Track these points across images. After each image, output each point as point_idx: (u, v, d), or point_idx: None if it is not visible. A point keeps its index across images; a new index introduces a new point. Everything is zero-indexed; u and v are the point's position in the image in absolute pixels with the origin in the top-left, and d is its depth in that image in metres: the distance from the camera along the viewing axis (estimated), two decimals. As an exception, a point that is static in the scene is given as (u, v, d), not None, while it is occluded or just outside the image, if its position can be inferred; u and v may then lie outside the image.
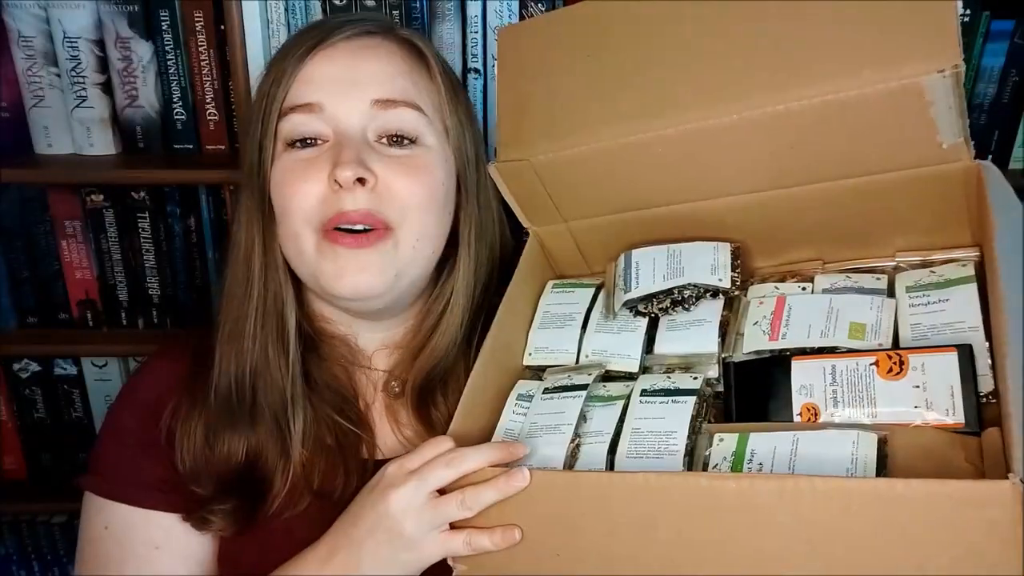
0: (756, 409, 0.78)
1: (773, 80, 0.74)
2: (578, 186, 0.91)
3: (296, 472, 0.86)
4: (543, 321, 0.95)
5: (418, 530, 0.73)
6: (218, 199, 1.43)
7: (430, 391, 0.92)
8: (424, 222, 0.88)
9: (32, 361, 1.50)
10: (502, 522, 0.72)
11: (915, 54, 0.67)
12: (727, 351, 0.84)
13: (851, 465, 0.65)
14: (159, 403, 0.89)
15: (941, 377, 0.67)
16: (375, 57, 0.87)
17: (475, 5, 1.32)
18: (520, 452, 0.75)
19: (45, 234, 1.44)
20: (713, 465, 0.71)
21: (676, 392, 0.79)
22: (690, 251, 0.88)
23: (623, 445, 0.76)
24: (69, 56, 1.33)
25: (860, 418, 0.70)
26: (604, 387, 0.84)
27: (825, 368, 0.74)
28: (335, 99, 0.84)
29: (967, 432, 0.65)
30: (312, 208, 0.84)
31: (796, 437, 0.69)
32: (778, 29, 0.74)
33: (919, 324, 0.74)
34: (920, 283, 0.77)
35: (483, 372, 0.85)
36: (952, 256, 0.80)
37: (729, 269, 0.85)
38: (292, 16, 1.30)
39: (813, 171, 0.78)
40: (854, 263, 0.86)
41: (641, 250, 0.91)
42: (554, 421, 0.80)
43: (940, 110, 0.68)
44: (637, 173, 0.86)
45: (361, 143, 0.85)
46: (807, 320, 0.79)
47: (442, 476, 0.73)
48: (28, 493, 1.55)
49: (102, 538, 0.88)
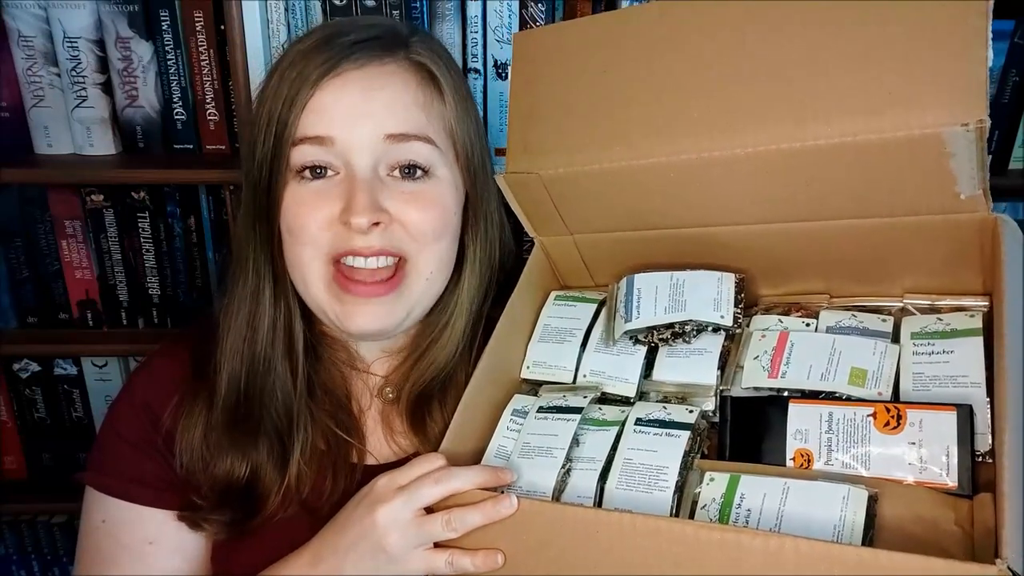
0: (750, 448, 0.78)
1: (792, 114, 0.73)
2: (586, 201, 0.91)
3: (291, 482, 0.88)
4: (543, 334, 0.95)
5: (402, 546, 0.75)
6: (218, 199, 1.44)
7: (426, 400, 0.94)
8: (438, 254, 0.90)
9: (32, 361, 1.53)
10: (486, 546, 0.73)
11: (939, 103, 0.66)
12: (725, 383, 0.84)
13: (839, 523, 0.65)
14: (158, 403, 0.91)
15: (938, 436, 0.67)
16: (388, 87, 0.86)
17: (475, 5, 1.32)
18: (507, 478, 0.77)
19: (45, 234, 1.46)
20: (701, 506, 0.72)
21: (671, 425, 0.79)
22: (693, 280, 0.88)
23: (613, 476, 0.77)
24: (69, 56, 1.33)
25: (853, 469, 0.71)
26: (600, 410, 0.85)
27: (822, 414, 0.74)
28: (347, 133, 0.84)
29: (959, 495, 0.65)
30: (322, 241, 0.85)
31: (787, 485, 0.69)
32: (802, 62, 0.73)
33: (921, 374, 0.74)
34: (926, 330, 0.77)
35: (479, 385, 0.86)
36: (961, 303, 0.79)
37: (732, 304, 0.85)
38: (292, 16, 1.30)
39: (825, 208, 0.78)
40: (861, 300, 0.85)
41: (643, 275, 0.91)
42: (547, 443, 0.81)
43: (960, 162, 0.67)
44: (647, 194, 0.86)
45: (373, 181, 0.85)
46: (808, 360, 0.79)
47: (430, 494, 0.75)
48: (28, 493, 1.59)
49: (99, 531, 0.92)
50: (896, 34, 0.68)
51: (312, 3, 1.30)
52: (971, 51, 0.65)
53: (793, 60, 0.74)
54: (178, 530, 0.90)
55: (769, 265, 0.88)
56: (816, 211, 0.78)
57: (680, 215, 0.87)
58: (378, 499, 0.76)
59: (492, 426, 0.86)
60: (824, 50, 0.72)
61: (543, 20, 1.33)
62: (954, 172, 0.68)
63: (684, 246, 0.90)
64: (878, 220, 0.76)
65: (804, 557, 0.59)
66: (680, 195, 0.83)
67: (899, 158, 0.69)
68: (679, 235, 0.89)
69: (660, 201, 0.86)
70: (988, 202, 0.69)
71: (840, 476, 0.70)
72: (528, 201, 0.95)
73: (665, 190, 0.83)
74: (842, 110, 0.70)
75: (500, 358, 0.91)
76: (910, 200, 0.73)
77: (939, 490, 0.66)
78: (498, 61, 1.34)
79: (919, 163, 0.69)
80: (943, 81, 0.66)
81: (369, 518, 0.75)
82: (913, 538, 0.63)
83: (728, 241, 0.86)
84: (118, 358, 1.54)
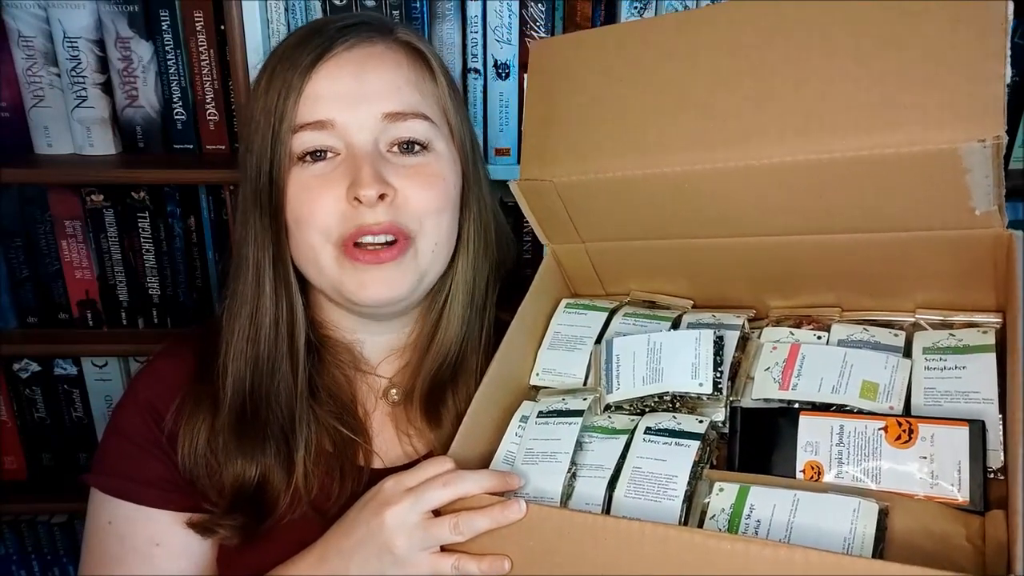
0: (759, 459, 0.78)
1: (807, 127, 0.73)
2: (599, 210, 0.92)
3: (298, 483, 0.89)
4: (553, 341, 0.96)
5: (409, 548, 0.75)
6: (218, 199, 1.45)
7: (440, 390, 0.94)
8: (441, 228, 0.90)
9: (32, 361, 1.53)
10: (493, 551, 0.74)
11: (956, 119, 0.66)
12: (735, 395, 0.84)
13: (849, 536, 0.65)
14: (162, 404, 0.91)
15: (950, 451, 0.68)
16: (380, 67, 0.87)
17: (475, 5, 1.33)
18: (515, 483, 0.78)
19: (45, 234, 1.46)
20: (711, 516, 0.73)
21: (681, 434, 0.80)
22: (671, 345, 0.87)
23: (622, 484, 0.77)
24: (69, 56, 1.34)
25: (863, 482, 0.71)
26: (609, 418, 0.86)
27: (833, 427, 0.74)
28: (345, 115, 0.85)
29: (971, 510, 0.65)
30: (332, 224, 0.86)
31: (797, 497, 0.70)
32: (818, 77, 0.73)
33: (933, 389, 0.74)
34: (938, 345, 0.77)
35: (488, 390, 0.87)
36: (974, 319, 0.79)
37: (711, 367, 0.83)
38: (292, 16, 1.31)
39: (838, 221, 0.78)
40: (873, 314, 0.86)
41: (621, 340, 0.90)
42: (550, 449, 0.82)
43: (976, 178, 0.67)
44: (659, 204, 0.86)
45: (375, 156, 0.86)
46: (819, 372, 0.80)
47: (438, 496, 0.75)
48: (28, 493, 1.59)
49: (105, 532, 0.91)
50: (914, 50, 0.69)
51: (312, 3, 1.30)
52: (989, 67, 0.65)
53: (809, 75, 0.74)
54: (185, 532, 0.90)
55: (780, 276, 0.89)
56: (829, 224, 0.79)
57: (692, 225, 0.87)
58: (386, 501, 0.77)
59: (501, 432, 0.87)
60: (841, 65, 0.72)
61: (543, 20, 1.34)
62: (969, 188, 0.68)
63: (696, 256, 0.91)
64: (891, 234, 0.76)
65: (814, 568, 0.59)
66: (693, 206, 0.84)
67: (914, 173, 0.69)
68: (691, 245, 0.89)
69: (673, 211, 0.86)
70: (1003, 218, 0.70)
71: (850, 489, 0.70)
72: (541, 208, 0.96)
73: (678, 200, 0.84)
74: (858, 124, 0.71)
75: (510, 364, 0.92)
76: (924, 215, 0.73)
77: (950, 505, 0.66)
78: (498, 61, 1.35)
79: (934, 178, 0.69)
80: (960, 97, 0.66)
81: (377, 520, 0.76)
82: (923, 553, 0.63)
83: (739, 252, 0.87)
84: (118, 358, 1.54)
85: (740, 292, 0.94)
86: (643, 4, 1.33)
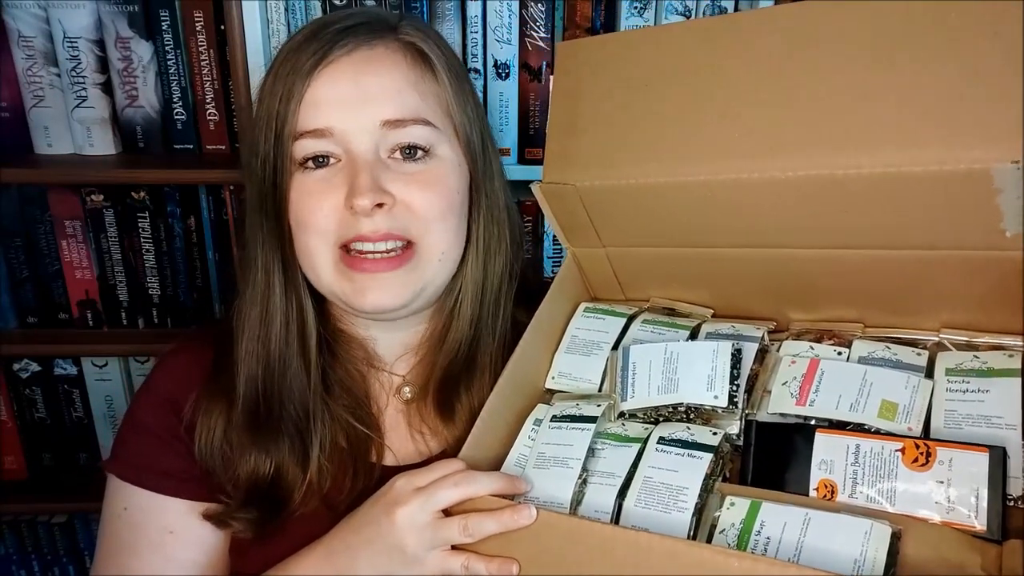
0: (773, 475, 0.78)
1: (833, 141, 0.73)
2: (621, 216, 0.92)
3: (312, 478, 0.90)
4: (570, 345, 0.96)
5: (418, 547, 0.76)
6: (218, 199, 1.46)
7: (453, 385, 0.95)
8: (446, 234, 0.90)
9: (32, 361, 1.55)
10: (503, 553, 0.74)
11: (987, 139, 0.65)
12: (752, 408, 0.84)
13: (860, 558, 0.65)
14: (180, 395, 0.93)
15: (968, 477, 0.67)
16: (380, 71, 0.87)
17: (475, 5, 1.33)
18: (522, 488, 0.79)
19: (45, 234, 1.48)
20: (720, 530, 0.73)
21: (694, 446, 0.79)
22: (688, 355, 0.86)
23: (632, 493, 0.77)
24: (69, 56, 1.34)
25: (878, 503, 0.70)
26: (623, 426, 0.86)
27: (849, 446, 0.74)
28: (344, 122, 0.85)
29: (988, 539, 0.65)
30: (330, 229, 0.86)
31: (808, 516, 0.69)
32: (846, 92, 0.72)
33: (954, 412, 0.73)
34: (962, 367, 0.76)
35: (503, 393, 0.87)
36: (1000, 342, 0.78)
37: (727, 380, 0.83)
38: (292, 16, 1.31)
39: (862, 237, 0.77)
40: (896, 331, 0.84)
41: (639, 348, 0.89)
42: (562, 453, 0.82)
43: (1008, 199, 0.66)
44: (682, 212, 0.86)
45: (375, 163, 0.86)
46: (838, 389, 0.79)
47: (448, 496, 0.76)
48: (28, 493, 1.60)
49: (120, 518, 0.93)
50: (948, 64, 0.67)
51: (312, 3, 1.30)
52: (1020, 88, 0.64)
53: (836, 90, 0.73)
54: (199, 522, 0.91)
55: (802, 289, 0.88)
56: (853, 239, 0.78)
57: (713, 234, 0.87)
58: (396, 500, 0.77)
59: (514, 435, 0.87)
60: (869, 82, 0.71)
61: (543, 20, 1.34)
62: (1001, 208, 0.67)
63: (716, 266, 0.90)
64: (916, 252, 0.75)
65: (822, 590, 0.59)
66: (716, 214, 0.83)
67: (942, 192, 0.68)
68: (712, 254, 0.89)
69: (695, 219, 0.86)
70: (1035, 241, 0.69)
71: (864, 510, 0.70)
72: (563, 212, 0.95)
73: (701, 209, 0.83)
74: (886, 140, 0.70)
75: (525, 367, 0.92)
76: (951, 234, 0.72)
77: (966, 532, 0.66)
78: (498, 61, 1.35)
79: (963, 198, 0.68)
80: (991, 117, 0.65)
81: (387, 518, 0.77)
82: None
83: (761, 263, 0.86)
84: (118, 358, 1.56)
85: (760, 304, 0.93)
86: (643, 4, 1.33)
